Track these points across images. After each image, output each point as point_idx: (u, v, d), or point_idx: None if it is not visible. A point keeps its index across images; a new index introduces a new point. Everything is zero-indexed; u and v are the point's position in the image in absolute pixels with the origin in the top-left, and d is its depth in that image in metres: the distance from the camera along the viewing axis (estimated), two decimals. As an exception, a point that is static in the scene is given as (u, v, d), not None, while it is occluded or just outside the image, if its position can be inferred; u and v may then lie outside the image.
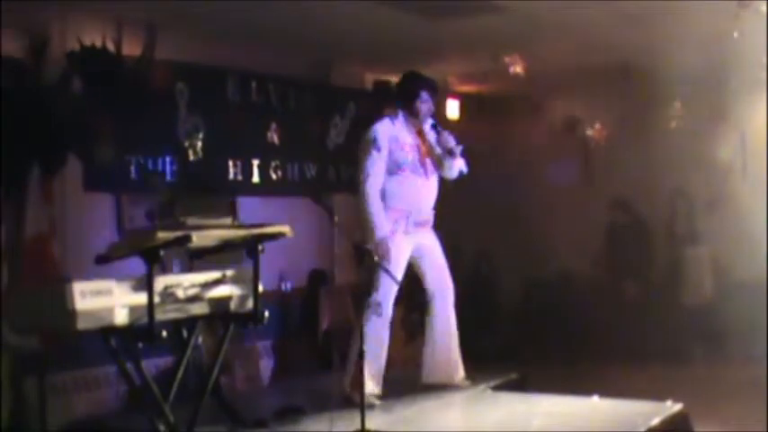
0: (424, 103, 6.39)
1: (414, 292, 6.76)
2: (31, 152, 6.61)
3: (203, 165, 8.01)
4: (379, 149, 6.17)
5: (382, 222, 6.08)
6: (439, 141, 6.40)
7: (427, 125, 6.49)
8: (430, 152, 6.43)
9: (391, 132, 6.27)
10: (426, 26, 8.07)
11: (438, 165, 6.47)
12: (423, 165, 6.35)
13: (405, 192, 6.23)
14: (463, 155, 6.46)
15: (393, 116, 6.40)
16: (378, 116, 6.49)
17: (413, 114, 6.38)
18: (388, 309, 6.17)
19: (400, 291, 6.26)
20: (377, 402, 6.03)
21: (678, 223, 10.59)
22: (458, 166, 6.49)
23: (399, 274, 6.16)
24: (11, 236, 6.55)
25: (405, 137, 6.33)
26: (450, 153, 6.37)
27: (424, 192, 6.38)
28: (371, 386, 6.06)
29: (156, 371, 6.81)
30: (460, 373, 6.69)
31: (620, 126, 10.80)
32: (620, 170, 10.82)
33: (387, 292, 6.12)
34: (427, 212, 6.44)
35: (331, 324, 8.54)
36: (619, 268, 10.67)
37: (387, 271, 5.86)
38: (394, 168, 6.20)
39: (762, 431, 6.63)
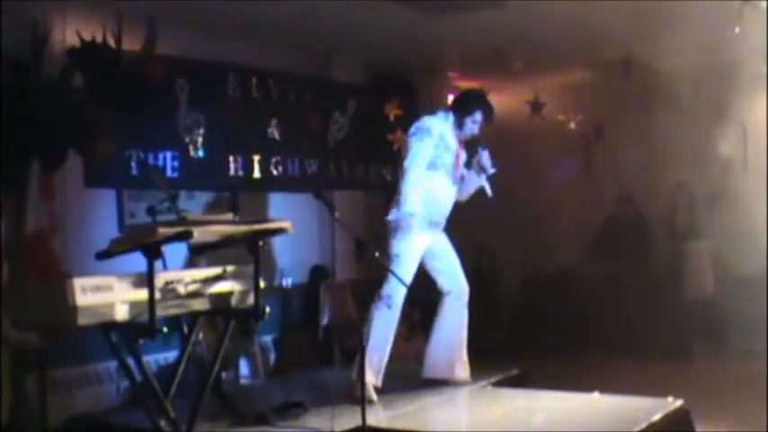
0: (474, 123, 6.42)
1: (413, 288, 6.74)
2: (31, 148, 6.61)
3: (204, 160, 8.01)
4: (431, 137, 6.21)
5: (414, 199, 6.09)
6: (477, 158, 6.46)
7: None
8: (459, 163, 6.48)
9: (442, 128, 6.32)
10: (427, 21, 8.06)
11: (460, 181, 6.51)
12: (455, 172, 6.40)
13: (433, 191, 6.25)
14: (489, 179, 6.51)
15: (445, 115, 6.43)
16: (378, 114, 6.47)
17: (458, 126, 6.40)
18: (399, 302, 6.16)
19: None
20: (374, 398, 6.01)
21: (679, 218, 10.59)
22: (481, 184, 6.52)
23: (412, 270, 6.18)
24: (11, 232, 6.55)
25: (450, 139, 6.36)
26: (482, 170, 6.44)
27: (448, 197, 6.43)
28: (371, 377, 6.05)
29: (156, 367, 6.85)
30: (466, 372, 6.69)
31: (621, 121, 10.78)
32: (621, 165, 10.83)
33: (397, 284, 6.07)
34: (444, 216, 6.47)
35: (331, 320, 8.54)
36: (619, 264, 10.66)
37: (391, 270, 5.85)
38: (431, 165, 6.22)
39: (762, 426, 6.63)
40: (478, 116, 6.42)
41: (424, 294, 6.75)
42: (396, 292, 6.11)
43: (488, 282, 11.42)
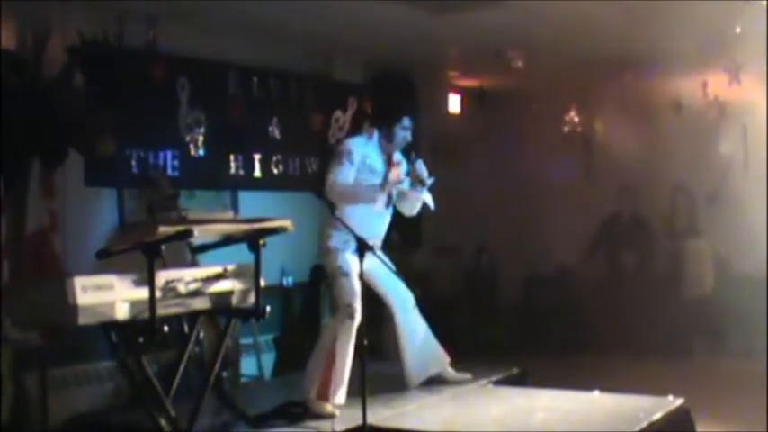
0: (404, 130, 6.17)
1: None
2: (32, 147, 6.61)
3: (204, 159, 8.01)
4: (351, 162, 5.97)
5: (363, 185, 5.94)
6: (411, 171, 6.18)
7: (397, 154, 6.26)
8: (394, 177, 6.16)
9: (364, 151, 6.07)
10: (427, 20, 8.06)
11: (400, 198, 6.28)
12: (385, 194, 6.14)
13: (360, 216, 5.96)
14: (431, 190, 6.24)
15: (369, 135, 6.21)
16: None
17: (388, 138, 6.15)
18: (358, 310, 5.90)
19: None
20: (336, 413, 5.81)
21: (679, 217, 10.59)
22: (422, 199, 6.27)
23: (358, 286, 5.87)
24: (12, 230, 6.55)
25: (375, 160, 6.11)
26: (420, 183, 6.14)
27: (379, 220, 6.19)
28: (341, 396, 5.89)
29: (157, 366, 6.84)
30: (446, 359, 6.68)
31: (621, 119, 10.78)
32: (621, 164, 10.83)
33: (353, 292, 5.90)
34: (378, 239, 6.20)
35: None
36: (620, 263, 10.67)
37: (394, 270, 5.81)
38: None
39: (762, 424, 6.63)
40: (406, 121, 6.17)
41: (423, 293, 6.74)
42: (354, 301, 5.90)
43: (488, 281, 11.44)
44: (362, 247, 5.45)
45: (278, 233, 5.52)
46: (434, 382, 6.65)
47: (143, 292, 4.79)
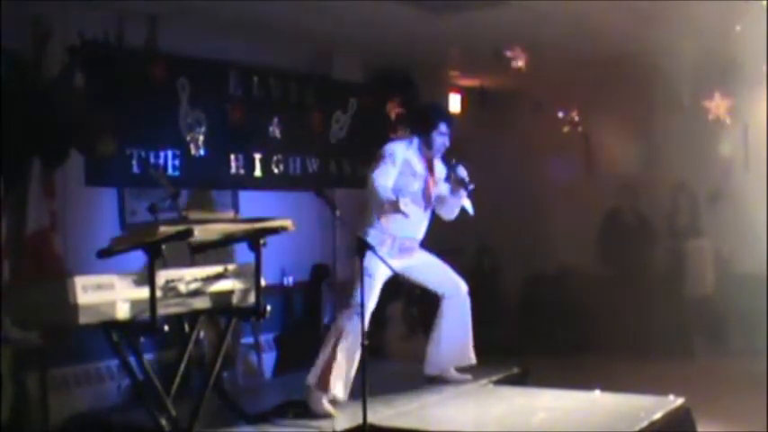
0: (441, 136, 6.30)
1: (412, 287, 6.74)
2: (32, 147, 6.61)
3: (205, 159, 8.01)
4: (393, 163, 6.06)
5: (387, 192, 5.94)
6: (450, 175, 6.32)
7: (438, 159, 6.39)
8: (434, 186, 6.34)
9: (405, 155, 6.18)
10: (428, 19, 8.06)
11: (438, 202, 6.40)
12: (425, 197, 6.27)
13: (400, 218, 6.00)
14: (470, 196, 6.35)
15: (409, 140, 6.31)
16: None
17: (427, 145, 6.28)
18: (369, 311, 5.93)
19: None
20: (333, 414, 5.81)
21: (680, 217, 10.59)
22: (462, 204, 6.38)
23: (377, 288, 6.02)
24: (12, 230, 6.55)
25: (416, 164, 6.22)
26: (461, 185, 6.26)
27: (417, 223, 6.26)
28: (340, 390, 5.90)
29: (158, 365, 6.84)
30: (472, 358, 6.72)
31: (622, 119, 10.78)
32: (622, 163, 10.83)
33: (370, 294, 5.93)
34: (415, 242, 6.32)
35: (333, 318, 8.53)
36: (621, 262, 10.67)
37: (383, 260, 5.82)
38: (396, 192, 6.00)
39: (763, 424, 6.63)
40: (443, 127, 6.30)
41: (423, 293, 6.75)
42: (368, 302, 5.89)
43: (489, 280, 11.43)
44: (362, 247, 5.48)
45: (278, 233, 5.52)
46: (435, 381, 6.66)
47: (143, 292, 4.79)
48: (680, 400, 6.04)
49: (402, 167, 6.11)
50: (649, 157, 10.64)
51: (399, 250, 6.19)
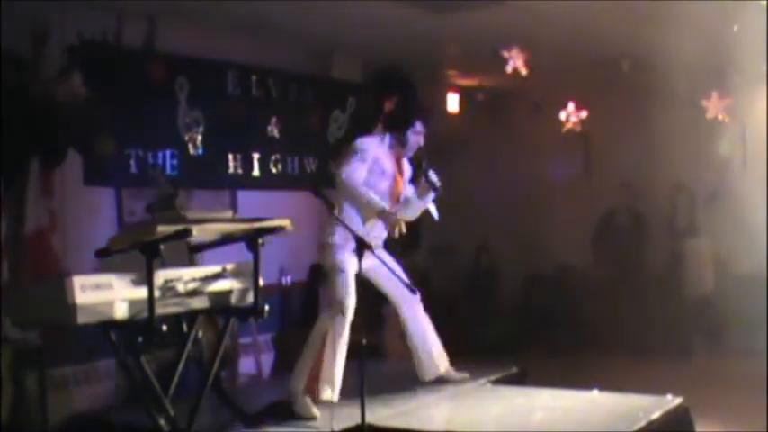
0: (416, 135, 6.24)
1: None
2: (31, 146, 6.61)
3: (203, 158, 8.01)
4: (363, 160, 6.01)
5: (376, 198, 5.96)
6: (419, 177, 6.21)
7: (405, 159, 6.32)
8: (402, 186, 6.28)
9: (376, 152, 6.12)
10: (427, 19, 8.06)
11: (404, 204, 6.30)
12: (391, 196, 6.20)
13: (364, 215, 6.04)
14: (436, 201, 6.28)
15: (381, 137, 6.25)
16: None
17: (401, 143, 6.22)
18: (351, 307, 5.93)
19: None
20: (318, 415, 5.78)
21: (678, 216, 10.60)
22: (425, 207, 6.31)
23: (353, 286, 5.95)
24: (11, 230, 6.55)
25: (386, 162, 6.17)
26: (431, 188, 6.17)
27: (383, 223, 6.18)
28: (329, 393, 5.86)
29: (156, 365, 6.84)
30: (446, 363, 6.70)
31: (621, 119, 10.79)
32: (621, 164, 10.84)
33: (348, 289, 5.92)
34: (379, 239, 6.24)
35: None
36: (619, 262, 10.68)
37: (382, 260, 5.79)
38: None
39: (762, 424, 6.63)
40: (418, 126, 6.24)
41: (422, 292, 6.74)
42: (348, 298, 5.92)
43: (488, 280, 11.45)
44: (361, 246, 5.46)
45: (277, 232, 5.52)
46: (433, 381, 6.66)
47: (142, 292, 4.79)
48: (678, 400, 6.04)
49: (371, 165, 6.07)
50: (648, 158, 10.64)
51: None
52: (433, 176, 6.20)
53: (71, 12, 6.95)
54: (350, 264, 5.89)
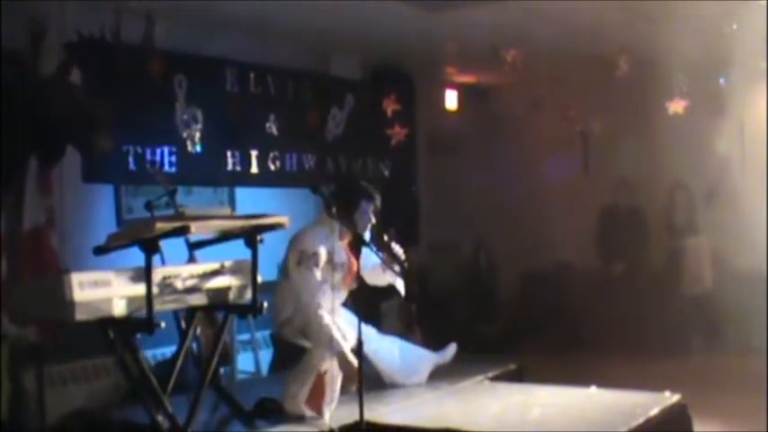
0: (365, 213, 5.99)
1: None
2: (29, 143, 6.60)
3: (202, 155, 8.01)
4: (318, 266, 5.74)
5: (340, 339, 5.65)
6: (382, 253, 5.91)
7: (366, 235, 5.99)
8: (355, 269, 5.79)
9: (328, 248, 5.79)
10: (425, 16, 8.06)
11: (369, 274, 6.10)
12: (344, 283, 5.99)
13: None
14: (403, 276, 6.09)
15: (327, 228, 5.87)
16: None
17: (348, 227, 5.77)
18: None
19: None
20: (308, 413, 5.70)
21: (677, 214, 10.59)
22: (389, 281, 6.15)
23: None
24: (10, 227, 6.54)
25: (337, 254, 5.86)
26: (396, 263, 5.97)
27: (339, 308, 6.02)
28: (327, 414, 5.72)
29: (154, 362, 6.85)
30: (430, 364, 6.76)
31: (619, 117, 10.78)
32: (620, 162, 10.83)
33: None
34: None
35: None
36: (618, 259, 10.67)
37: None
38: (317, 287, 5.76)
39: (761, 421, 6.63)
40: (364, 204, 5.98)
41: (420, 289, 6.75)
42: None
43: (486, 277, 11.44)
44: (359, 243, 5.48)
45: (275, 229, 5.52)
46: (430, 375, 6.67)
47: (140, 289, 4.79)
48: (676, 397, 6.05)
49: (324, 264, 5.79)
50: (647, 155, 10.63)
51: None
52: (397, 250, 6.00)
53: (69, 9, 6.95)
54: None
